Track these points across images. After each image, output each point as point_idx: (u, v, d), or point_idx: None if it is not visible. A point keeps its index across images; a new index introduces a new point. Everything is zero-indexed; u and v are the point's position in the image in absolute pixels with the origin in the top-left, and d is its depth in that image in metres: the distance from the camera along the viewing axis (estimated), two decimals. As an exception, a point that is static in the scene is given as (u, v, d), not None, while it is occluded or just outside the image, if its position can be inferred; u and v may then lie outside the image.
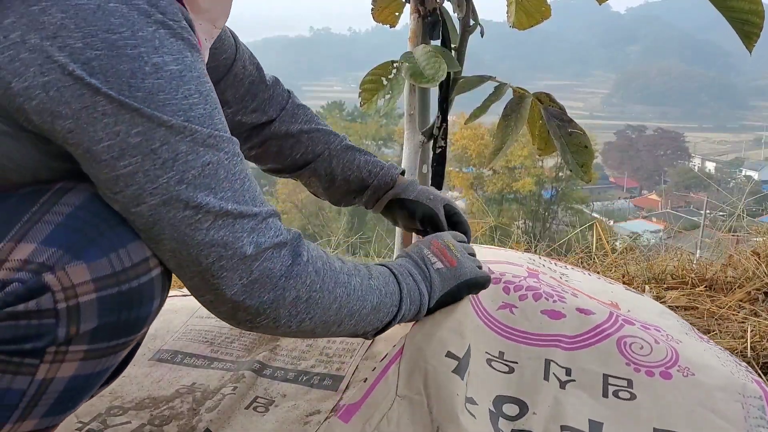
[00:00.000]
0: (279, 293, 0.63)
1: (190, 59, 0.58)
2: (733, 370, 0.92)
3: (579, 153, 1.07)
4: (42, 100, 0.52)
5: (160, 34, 0.55)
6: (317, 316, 0.68)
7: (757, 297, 1.40)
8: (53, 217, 0.56)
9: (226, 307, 0.62)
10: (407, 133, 1.17)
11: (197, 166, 0.57)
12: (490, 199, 19.89)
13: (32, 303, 0.53)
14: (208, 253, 0.58)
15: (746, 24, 0.93)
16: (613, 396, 0.85)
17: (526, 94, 1.12)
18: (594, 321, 0.96)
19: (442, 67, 0.94)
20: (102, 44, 0.52)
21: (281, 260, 0.63)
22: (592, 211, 19.25)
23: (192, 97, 0.57)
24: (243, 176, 0.61)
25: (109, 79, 0.52)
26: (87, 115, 0.53)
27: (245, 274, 0.60)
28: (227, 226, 0.59)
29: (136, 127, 0.54)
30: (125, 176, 0.55)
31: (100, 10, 0.52)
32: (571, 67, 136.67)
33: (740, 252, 1.65)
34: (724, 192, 3.34)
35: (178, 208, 0.56)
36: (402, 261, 0.86)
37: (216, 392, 0.96)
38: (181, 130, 0.56)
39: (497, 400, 0.85)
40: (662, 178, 39.57)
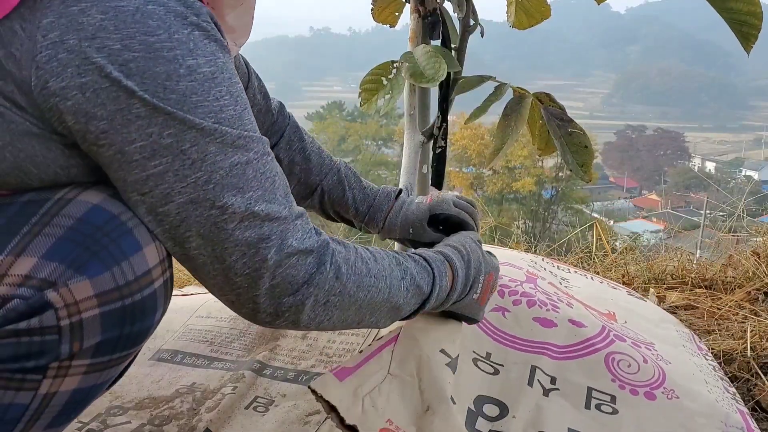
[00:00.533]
0: (299, 298, 0.63)
1: (222, 60, 0.59)
2: (719, 397, 0.91)
3: (579, 153, 1.07)
4: (78, 101, 0.53)
5: (195, 36, 0.56)
6: (335, 316, 0.68)
7: (757, 297, 1.40)
8: (54, 230, 0.55)
9: (247, 308, 0.63)
10: (407, 133, 1.17)
11: (225, 167, 0.57)
12: (490, 199, 19.89)
13: (35, 320, 0.53)
14: (232, 251, 0.59)
15: (744, 25, 0.93)
16: (596, 408, 0.85)
17: (526, 94, 1.12)
18: (585, 334, 0.96)
19: (443, 67, 0.94)
20: (140, 46, 0.53)
21: (305, 267, 0.62)
22: (592, 211, 19.25)
23: (223, 99, 0.58)
24: (273, 174, 0.62)
25: (146, 81, 0.53)
26: (121, 117, 0.54)
27: (268, 279, 0.60)
28: (254, 227, 0.59)
29: (168, 129, 0.55)
30: (155, 176, 0.56)
31: (139, 12, 0.53)
32: (571, 67, 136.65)
33: (740, 252, 1.65)
34: (724, 192, 3.34)
35: (205, 206, 0.57)
36: (461, 267, 0.82)
37: (216, 392, 0.96)
38: (211, 132, 0.56)
39: (478, 400, 0.85)
40: (662, 178, 39.57)
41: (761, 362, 1.11)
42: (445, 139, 1.15)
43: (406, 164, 1.15)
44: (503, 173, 20.47)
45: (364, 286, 0.68)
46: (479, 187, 20.87)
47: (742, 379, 1.08)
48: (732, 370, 1.11)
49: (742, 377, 1.08)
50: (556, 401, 0.86)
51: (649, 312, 1.24)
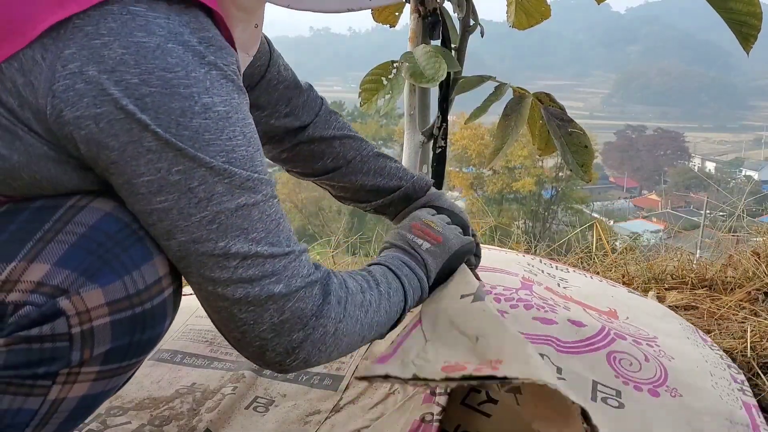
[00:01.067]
0: (309, 332, 0.63)
1: (237, 101, 0.59)
2: (723, 392, 0.91)
3: (579, 153, 1.07)
4: (91, 131, 0.53)
5: (212, 76, 0.57)
6: (344, 343, 0.68)
7: (757, 297, 1.40)
8: (67, 237, 0.56)
9: (254, 347, 0.62)
10: (407, 133, 1.17)
11: (231, 208, 0.58)
12: (490, 199, 19.89)
13: (46, 327, 0.54)
14: (234, 289, 0.59)
15: (744, 25, 0.93)
16: (602, 401, 0.84)
17: (526, 94, 1.12)
18: (585, 333, 0.96)
19: (442, 67, 0.94)
20: (157, 82, 0.53)
21: (313, 300, 0.63)
22: (592, 211, 19.25)
23: (236, 139, 0.58)
24: (278, 217, 0.62)
25: (160, 116, 0.54)
26: (132, 149, 0.54)
27: (276, 313, 0.61)
28: (257, 265, 0.59)
29: (178, 165, 0.55)
30: (159, 211, 0.56)
31: (160, 49, 0.54)
32: (571, 67, 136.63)
33: (740, 252, 1.65)
34: (724, 192, 3.34)
35: (207, 246, 0.57)
36: (392, 253, 0.85)
37: (216, 392, 0.96)
38: (221, 172, 0.57)
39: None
40: (662, 178, 39.57)
41: (761, 362, 1.11)
42: (445, 139, 1.15)
43: (406, 164, 1.15)
44: (503, 173, 20.46)
45: (359, 305, 0.70)
46: (479, 187, 20.87)
47: (742, 379, 1.08)
48: (732, 370, 1.11)
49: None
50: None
51: (651, 308, 1.24)
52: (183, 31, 0.56)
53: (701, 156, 54.35)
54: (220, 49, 0.59)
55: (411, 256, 0.85)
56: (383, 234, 2.80)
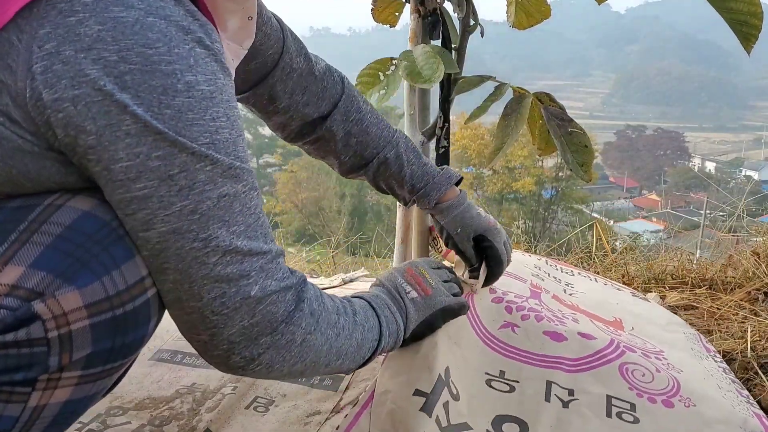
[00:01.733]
0: (277, 337, 0.61)
1: (222, 81, 0.57)
2: (734, 402, 0.91)
3: (579, 152, 1.07)
4: (69, 113, 0.51)
5: (196, 53, 0.54)
6: (309, 358, 0.66)
7: (757, 297, 1.40)
8: (42, 238, 0.53)
9: (220, 350, 0.60)
10: (407, 133, 1.16)
11: (213, 197, 0.55)
12: (490, 199, 19.89)
13: (22, 332, 0.51)
14: (211, 287, 0.57)
15: (744, 25, 0.92)
16: (617, 417, 0.84)
17: (526, 93, 1.12)
18: (595, 346, 0.96)
19: (440, 68, 0.94)
20: (137, 58, 0.51)
21: (285, 305, 0.62)
22: (592, 211, 19.23)
23: (219, 120, 0.56)
24: (258, 211, 0.60)
25: (141, 94, 0.51)
26: (110, 133, 0.52)
27: (247, 316, 0.59)
28: (235, 263, 0.57)
29: (157, 150, 0.53)
30: (139, 199, 0.54)
31: (138, 24, 0.51)
32: (571, 67, 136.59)
33: (740, 252, 1.65)
34: (724, 192, 3.34)
35: (188, 238, 0.55)
36: (378, 291, 0.84)
37: (216, 392, 0.96)
38: (203, 158, 0.54)
39: (497, 420, 0.84)
40: (662, 178, 39.54)
41: (761, 362, 1.11)
42: (448, 139, 1.15)
43: (406, 164, 1.14)
44: (503, 173, 20.46)
45: (332, 324, 0.68)
46: (479, 187, 20.87)
47: (742, 379, 1.08)
48: (732, 370, 1.11)
49: (742, 377, 1.08)
50: (577, 411, 0.85)
51: (655, 315, 1.23)
52: (164, 5, 0.53)
53: (701, 156, 54.33)
54: (204, 25, 0.56)
55: (395, 300, 0.84)
56: (383, 234, 2.80)
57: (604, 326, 1.08)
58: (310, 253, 2.85)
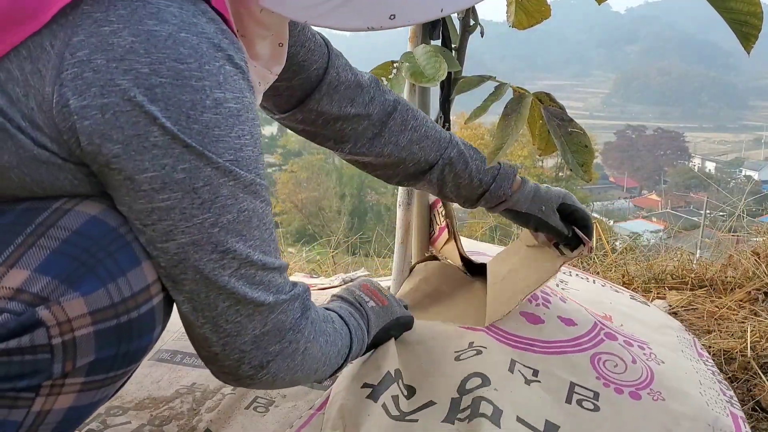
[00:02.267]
0: (284, 345, 0.64)
1: (249, 100, 0.58)
2: (710, 400, 0.90)
3: (579, 152, 1.07)
4: (96, 121, 0.51)
5: (226, 71, 0.55)
6: (306, 365, 0.69)
7: (757, 297, 1.40)
8: (48, 242, 0.53)
9: (231, 360, 0.62)
10: (407, 133, 1.16)
11: (234, 212, 0.57)
12: (490, 199, 19.87)
13: (25, 338, 0.51)
14: (226, 297, 0.58)
15: (744, 25, 0.92)
16: (576, 404, 0.84)
17: (526, 93, 1.12)
18: (573, 333, 0.96)
19: (443, 66, 0.94)
20: (168, 72, 0.52)
21: (293, 313, 0.64)
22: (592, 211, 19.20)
23: (244, 138, 0.57)
24: (271, 226, 0.62)
25: (170, 107, 0.52)
26: (138, 142, 0.52)
27: (260, 324, 0.61)
28: (249, 276, 0.59)
29: (184, 163, 0.53)
30: (161, 210, 0.54)
31: (171, 39, 0.52)
32: (571, 67, 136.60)
33: (740, 252, 1.65)
34: (724, 192, 3.34)
35: (206, 250, 0.56)
36: (340, 303, 0.88)
37: (216, 392, 0.96)
38: (227, 173, 0.55)
39: (462, 383, 0.85)
40: (662, 178, 39.56)
41: (761, 362, 1.11)
42: (447, 139, 1.15)
43: (406, 164, 1.14)
44: (503, 173, 20.44)
45: (323, 332, 0.72)
46: (479, 187, 20.85)
47: (742, 379, 1.08)
48: (732, 370, 1.11)
49: (742, 377, 1.08)
50: (537, 392, 0.85)
51: (649, 317, 1.23)
52: (198, 21, 0.54)
53: (701, 156, 54.35)
54: (234, 43, 0.57)
55: (357, 309, 0.88)
56: (383, 234, 2.80)
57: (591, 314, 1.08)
58: (310, 253, 2.85)
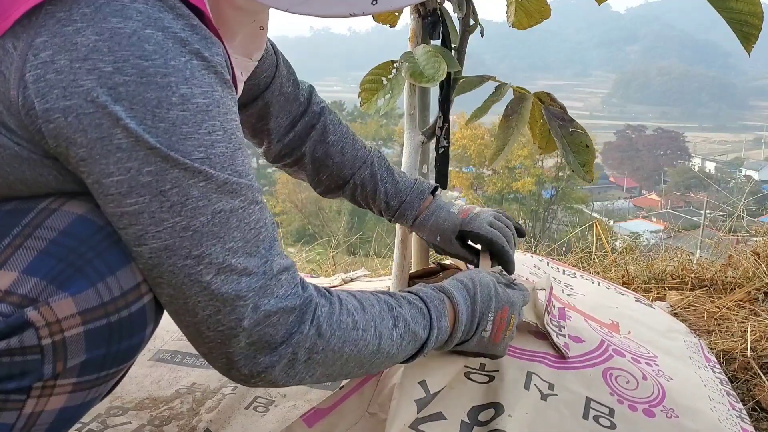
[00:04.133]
0: (275, 358, 0.59)
1: (220, 94, 0.55)
2: (721, 416, 0.90)
3: (580, 152, 1.07)
4: (59, 125, 0.50)
5: (193, 65, 0.53)
6: (319, 372, 0.64)
7: (757, 297, 1.40)
8: (36, 243, 0.52)
9: (220, 363, 0.59)
10: (407, 133, 1.16)
11: (207, 214, 0.53)
12: (490, 199, 19.90)
13: (14, 340, 0.50)
14: (205, 305, 0.55)
15: (745, 25, 0.92)
16: (593, 420, 0.83)
17: (526, 94, 1.12)
18: (582, 349, 0.95)
19: (443, 66, 0.94)
20: (132, 70, 0.50)
21: (285, 327, 0.59)
22: (592, 211, 19.26)
23: (215, 134, 0.54)
24: (259, 226, 0.57)
25: (134, 106, 0.50)
26: (101, 146, 0.50)
27: (243, 337, 0.57)
28: (231, 282, 0.55)
29: (149, 165, 0.51)
30: (129, 214, 0.52)
31: (136, 35, 0.50)
32: (571, 67, 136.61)
33: (740, 252, 1.65)
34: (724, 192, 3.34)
35: (180, 255, 0.53)
36: (464, 303, 0.79)
37: (216, 392, 0.96)
38: (196, 174, 0.52)
39: (473, 411, 0.82)
40: (662, 178, 39.57)
41: (761, 362, 1.11)
42: (448, 139, 1.15)
43: (407, 164, 1.14)
44: (503, 173, 20.48)
45: (350, 341, 0.64)
46: (479, 187, 20.89)
47: (742, 379, 1.08)
48: (732, 370, 1.11)
49: (742, 377, 1.08)
50: (554, 407, 0.84)
51: (656, 322, 1.22)
52: (163, 17, 0.52)
53: (701, 156, 54.35)
54: (206, 38, 0.55)
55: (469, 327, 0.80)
56: (383, 234, 2.79)
57: (598, 326, 1.08)
58: (310, 252, 2.85)
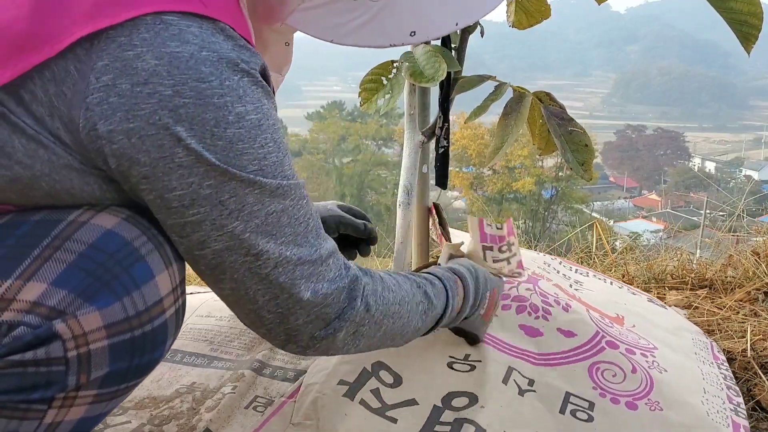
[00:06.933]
0: (330, 331, 0.65)
1: (267, 107, 0.59)
2: (712, 409, 0.89)
3: (579, 151, 1.07)
4: (123, 146, 0.53)
5: (244, 83, 0.56)
6: (362, 343, 0.71)
7: (757, 297, 1.40)
8: (65, 255, 0.54)
9: (278, 341, 0.65)
10: (407, 133, 1.16)
11: (261, 216, 0.58)
12: (490, 198, 19.91)
13: (41, 351, 0.52)
14: (264, 292, 0.61)
15: (744, 25, 0.92)
16: (570, 414, 0.84)
17: (525, 93, 1.12)
18: (572, 344, 0.95)
19: (442, 66, 0.94)
20: (191, 92, 0.53)
21: (338, 305, 0.65)
22: (592, 210, 19.25)
23: (267, 146, 0.58)
24: (306, 218, 0.63)
25: (194, 127, 0.53)
26: (164, 164, 0.54)
27: (301, 316, 0.63)
28: (287, 272, 0.60)
29: (209, 180, 0.55)
30: (192, 223, 0.57)
31: (193, 59, 0.53)
32: (571, 67, 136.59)
33: (740, 252, 1.65)
34: (724, 192, 3.35)
35: (240, 254, 0.58)
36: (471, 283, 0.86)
37: (216, 391, 0.96)
38: (251, 184, 0.57)
39: (447, 396, 0.86)
40: (662, 178, 39.54)
41: (761, 362, 1.11)
42: (448, 139, 1.15)
43: (406, 164, 1.14)
44: (503, 173, 20.48)
45: (390, 314, 0.71)
46: (479, 186, 20.88)
47: (742, 379, 1.08)
48: (732, 369, 1.11)
49: (742, 377, 1.08)
50: (530, 402, 0.85)
51: (665, 320, 1.21)
52: (217, 39, 0.56)
53: (701, 156, 54.31)
54: (253, 55, 0.59)
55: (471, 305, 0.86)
56: (383, 234, 2.79)
57: (599, 316, 1.07)
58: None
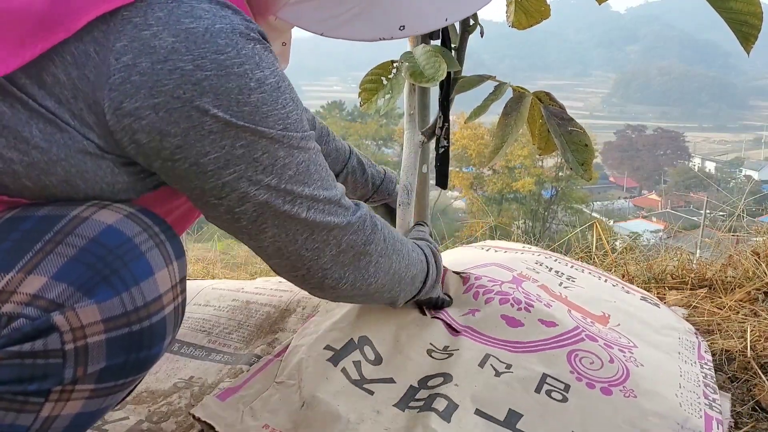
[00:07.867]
0: (359, 258, 0.73)
1: (281, 69, 0.63)
2: (685, 401, 0.89)
3: (579, 151, 1.07)
4: (152, 120, 0.55)
5: (258, 50, 0.59)
6: (380, 279, 0.78)
7: (757, 297, 1.40)
8: (66, 250, 0.55)
9: (316, 278, 0.72)
10: (407, 133, 1.16)
11: (293, 166, 0.64)
12: (490, 198, 19.89)
13: (39, 343, 0.52)
14: (302, 231, 0.67)
15: (744, 25, 0.92)
16: (545, 394, 0.85)
17: (525, 92, 1.12)
18: (552, 333, 0.96)
19: (442, 66, 0.94)
20: (212, 65, 0.55)
21: (364, 231, 0.73)
22: (592, 210, 19.23)
23: (288, 105, 0.62)
24: (324, 164, 0.70)
25: (219, 97, 0.56)
26: (195, 133, 0.57)
27: (335, 246, 0.70)
28: (320, 211, 0.67)
29: (240, 140, 0.59)
30: (230, 182, 0.60)
31: (209, 33, 0.56)
32: (571, 67, 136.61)
33: (740, 252, 1.65)
34: (724, 192, 3.35)
35: (278, 203, 0.64)
36: (425, 240, 0.97)
37: (214, 387, 0.96)
38: (279, 139, 0.62)
39: (424, 378, 0.87)
40: (662, 178, 39.54)
41: (761, 362, 1.11)
42: (448, 139, 1.15)
43: (406, 164, 1.14)
44: (503, 173, 20.46)
45: (397, 251, 0.80)
46: (479, 186, 20.87)
47: (742, 379, 1.08)
48: (732, 370, 1.11)
49: (742, 377, 1.08)
50: (506, 381, 0.86)
51: (653, 318, 1.20)
52: (226, 13, 0.58)
53: (701, 156, 54.33)
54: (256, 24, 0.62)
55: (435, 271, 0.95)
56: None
57: (582, 316, 1.07)
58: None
